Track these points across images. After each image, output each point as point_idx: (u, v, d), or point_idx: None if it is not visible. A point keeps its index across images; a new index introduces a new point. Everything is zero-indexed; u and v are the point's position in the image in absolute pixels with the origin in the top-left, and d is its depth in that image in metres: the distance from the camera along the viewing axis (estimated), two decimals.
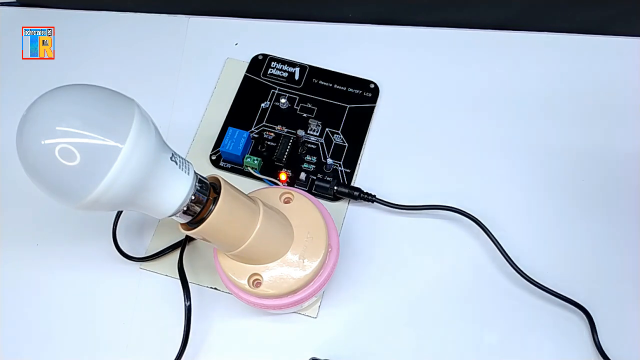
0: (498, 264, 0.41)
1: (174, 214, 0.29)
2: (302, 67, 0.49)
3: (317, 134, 0.46)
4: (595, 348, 0.38)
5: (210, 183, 0.31)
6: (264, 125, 0.46)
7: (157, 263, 0.42)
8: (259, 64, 0.49)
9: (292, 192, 0.37)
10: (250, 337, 0.40)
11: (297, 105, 0.47)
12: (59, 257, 0.43)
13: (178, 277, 0.39)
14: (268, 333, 0.40)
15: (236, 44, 0.51)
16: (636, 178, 0.44)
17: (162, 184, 0.28)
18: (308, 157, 0.45)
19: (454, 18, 0.50)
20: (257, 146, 0.45)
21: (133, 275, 0.42)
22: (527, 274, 0.40)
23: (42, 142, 0.24)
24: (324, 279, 0.35)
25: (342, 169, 0.45)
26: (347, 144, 0.45)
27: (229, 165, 0.45)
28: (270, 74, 0.48)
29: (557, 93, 0.47)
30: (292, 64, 0.49)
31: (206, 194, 0.30)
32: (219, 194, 0.31)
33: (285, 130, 0.46)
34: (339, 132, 0.46)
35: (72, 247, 0.43)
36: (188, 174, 0.29)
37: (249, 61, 0.49)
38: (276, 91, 0.48)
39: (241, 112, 0.47)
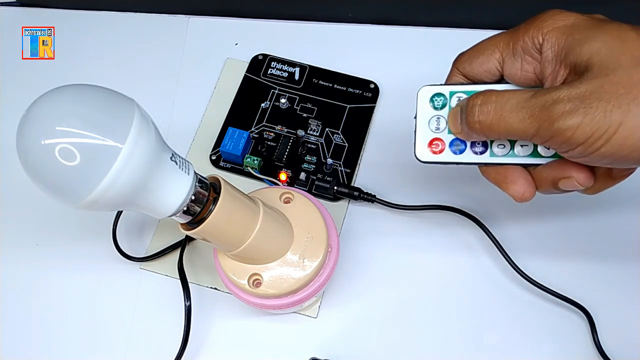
0: (498, 264, 0.41)
1: (174, 214, 0.29)
2: (302, 67, 0.49)
3: (317, 134, 0.46)
4: (595, 348, 0.38)
5: (210, 183, 0.31)
6: (264, 125, 0.46)
7: (157, 263, 0.42)
8: (259, 64, 0.49)
9: (292, 192, 0.37)
10: (250, 337, 0.40)
11: (297, 105, 0.47)
12: (59, 257, 0.43)
13: (178, 277, 0.39)
14: (268, 333, 0.40)
15: (236, 44, 0.51)
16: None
17: (162, 184, 0.28)
18: (308, 157, 0.45)
19: (454, 18, 0.50)
20: (257, 146, 0.45)
21: (133, 275, 0.42)
22: (527, 274, 0.40)
23: (42, 142, 0.24)
24: (324, 279, 0.35)
25: (342, 169, 0.45)
26: (347, 144, 0.45)
27: (229, 165, 0.45)
28: (270, 74, 0.48)
29: None
30: (292, 64, 0.49)
31: (206, 194, 0.30)
32: (219, 194, 0.31)
33: (285, 130, 0.46)
34: (339, 132, 0.46)
35: (72, 247, 0.43)
36: (188, 174, 0.29)
37: (249, 61, 0.49)
38: (276, 91, 0.48)
39: (241, 112, 0.47)
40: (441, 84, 0.32)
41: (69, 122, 0.24)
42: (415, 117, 0.32)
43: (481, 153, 0.31)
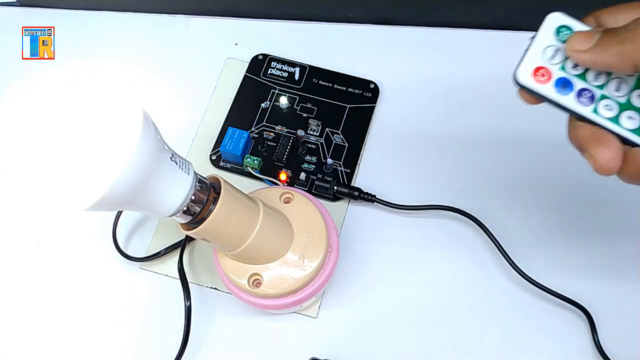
0: (498, 264, 0.41)
1: (174, 214, 0.29)
2: (302, 67, 0.49)
3: (317, 134, 0.46)
4: (595, 348, 0.38)
5: (210, 183, 0.31)
6: (264, 125, 0.46)
7: (157, 263, 0.42)
8: (259, 64, 0.49)
9: (292, 192, 0.37)
10: (250, 337, 0.40)
11: (297, 105, 0.47)
12: (59, 257, 0.43)
13: (178, 277, 0.39)
14: (268, 333, 0.40)
15: (236, 44, 0.51)
16: None
17: (162, 184, 0.28)
18: (308, 157, 0.45)
19: (454, 18, 0.50)
20: (257, 146, 0.45)
21: (133, 275, 0.42)
22: (527, 274, 0.40)
23: None
24: (324, 279, 0.35)
25: (342, 169, 0.45)
26: (347, 144, 0.45)
27: (229, 165, 0.45)
28: (270, 74, 0.48)
29: None
30: (292, 64, 0.49)
31: (206, 194, 0.30)
32: (219, 194, 0.31)
33: (285, 130, 0.46)
34: (339, 132, 0.46)
35: (72, 247, 0.43)
36: (188, 174, 0.29)
37: (249, 61, 0.49)
38: (276, 91, 0.48)
39: (241, 112, 0.47)
40: (576, 19, 0.29)
41: None
42: (532, 38, 0.29)
43: (584, 105, 0.28)
